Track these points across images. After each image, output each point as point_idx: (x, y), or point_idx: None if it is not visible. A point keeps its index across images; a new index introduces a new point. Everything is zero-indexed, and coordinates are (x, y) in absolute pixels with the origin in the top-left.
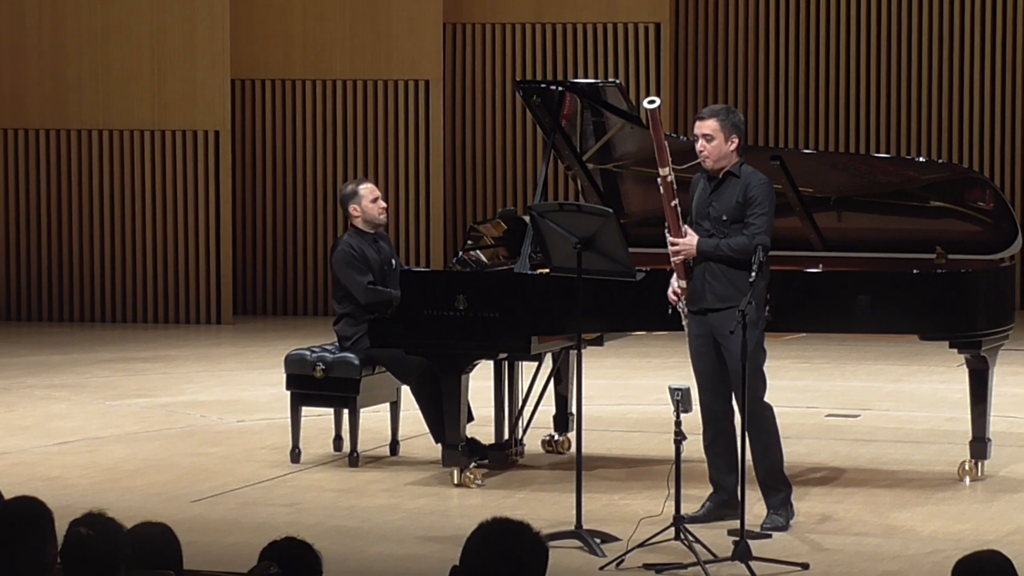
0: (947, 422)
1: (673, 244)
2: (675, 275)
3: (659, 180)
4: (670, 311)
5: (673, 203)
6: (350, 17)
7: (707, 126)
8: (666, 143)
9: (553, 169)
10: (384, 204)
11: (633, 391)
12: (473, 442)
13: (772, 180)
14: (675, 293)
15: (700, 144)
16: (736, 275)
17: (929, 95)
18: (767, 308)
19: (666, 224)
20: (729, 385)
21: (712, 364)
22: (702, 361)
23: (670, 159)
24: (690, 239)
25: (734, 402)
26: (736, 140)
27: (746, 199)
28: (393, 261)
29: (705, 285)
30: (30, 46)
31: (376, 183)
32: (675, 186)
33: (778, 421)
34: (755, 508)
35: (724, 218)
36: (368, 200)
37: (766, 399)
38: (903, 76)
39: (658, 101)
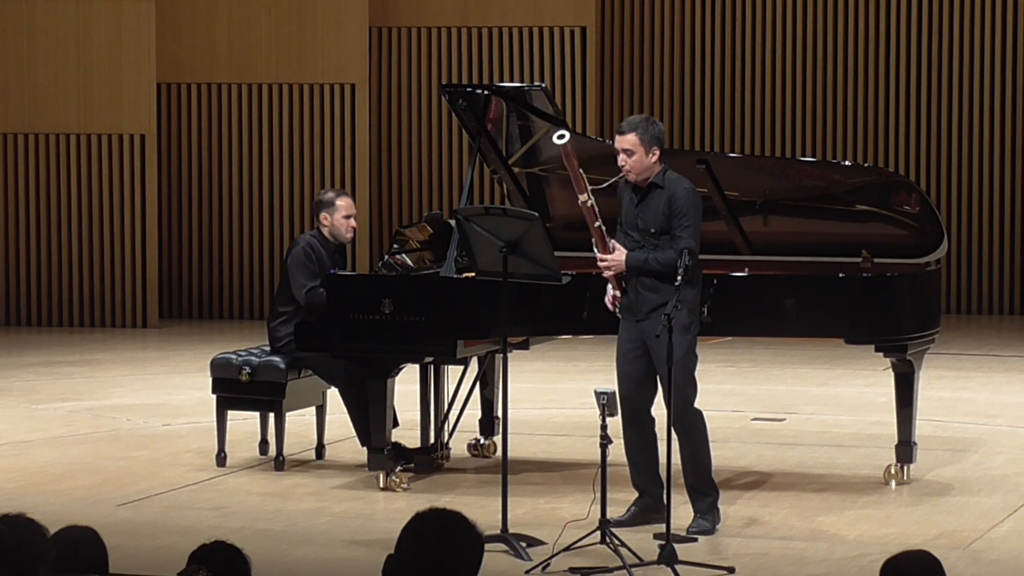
0: (873, 426)
1: (602, 260)
2: (609, 285)
3: (580, 204)
4: (585, 314)
5: (596, 224)
6: (275, 21)
7: (627, 141)
8: (581, 172)
9: (479, 173)
10: (355, 224)
11: (559, 395)
12: (397, 446)
13: (697, 184)
14: (612, 302)
15: (622, 159)
16: (668, 286)
17: (855, 99)
18: (703, 311)
19: (593, 242)
20: (653, 388)
21: (639, 369)
22: (630, 366)
23: (588, 186)
24: (618, 255)
25: (658, 407)
26: (657, 151)
27: (671, 210)
28: (331, 270)
29: (638, 297)
30: None
31: (302, 187)
32: (596, 209)
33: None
34: (681, 512)
35: (652, 230)
36: (341, 215)
37: (696, 404)
38: (828, 80)
39: (568, 136)
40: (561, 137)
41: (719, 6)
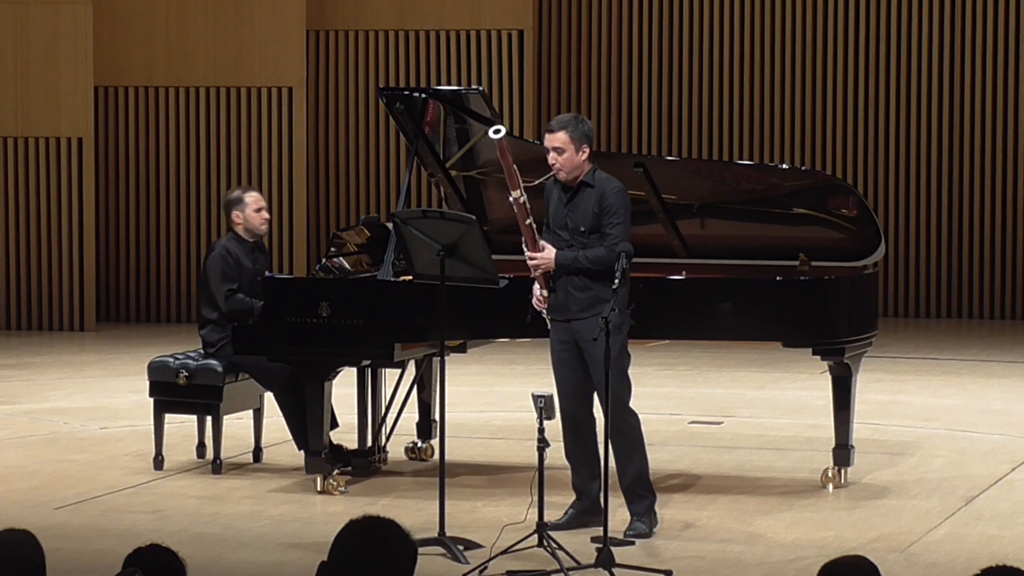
0: (810, 429)
1: (532, 259)
2: (537, 284)
3: (512, 201)
4: (528, 318)
5: (528, 221)
6: (213, 24)
7: (557, 139)
8: (515, 168)
9: (416, 176)
10: (267, 215)
11: (496, 398)
12: (336, 448)
13: (633, 187)
14: (539, 301)
15: (552, 157)
16: (598, 285)
17: (792, 102)
18: (629, 312)
19: (523, 240)
20: (591, 392)
21: (575, 371)
22: (565, 368)
23: (521, 182)
24: (548, 253)
25: (596, 409)
26: (587, 149)
27: (602, 208)
28: (267, 273)
29: (568, 296)
30: None
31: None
32: (528, 206)
33: (643, 428)
34: (619, 515)
35: (582, 228)
36: (252, 209)
37: (631, 405)
38: (766, 83)
39: (503, 130)
40: (497, 132)
41: (656, 9)
